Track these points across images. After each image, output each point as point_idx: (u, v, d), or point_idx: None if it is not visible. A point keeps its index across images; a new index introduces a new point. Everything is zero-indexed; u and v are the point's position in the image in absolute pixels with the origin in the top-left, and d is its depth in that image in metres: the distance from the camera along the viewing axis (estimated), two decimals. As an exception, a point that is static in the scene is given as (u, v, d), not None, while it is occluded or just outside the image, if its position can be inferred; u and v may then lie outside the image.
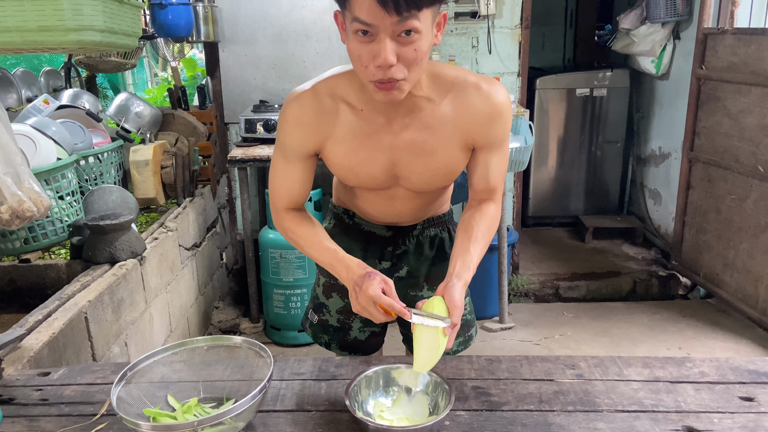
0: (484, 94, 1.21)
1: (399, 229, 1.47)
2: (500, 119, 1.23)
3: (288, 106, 1.26)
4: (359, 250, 1.48)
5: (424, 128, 1.22)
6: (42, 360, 1.50)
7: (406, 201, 1.37)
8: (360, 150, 1.25)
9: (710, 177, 3.29)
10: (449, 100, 1.22)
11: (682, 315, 3.29)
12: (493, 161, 1.28)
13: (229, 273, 3.63)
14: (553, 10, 5.15)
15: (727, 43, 3.11)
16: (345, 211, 1.51)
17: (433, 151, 1.24)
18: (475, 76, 1.24)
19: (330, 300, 1.53)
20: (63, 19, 1.10)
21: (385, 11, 1.00)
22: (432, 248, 1.50)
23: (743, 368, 1.22)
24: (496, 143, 1.26)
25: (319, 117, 1.23)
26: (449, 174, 1.30)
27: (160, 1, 2.84)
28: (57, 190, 2.10)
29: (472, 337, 1.57)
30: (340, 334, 1.54)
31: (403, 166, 1.27)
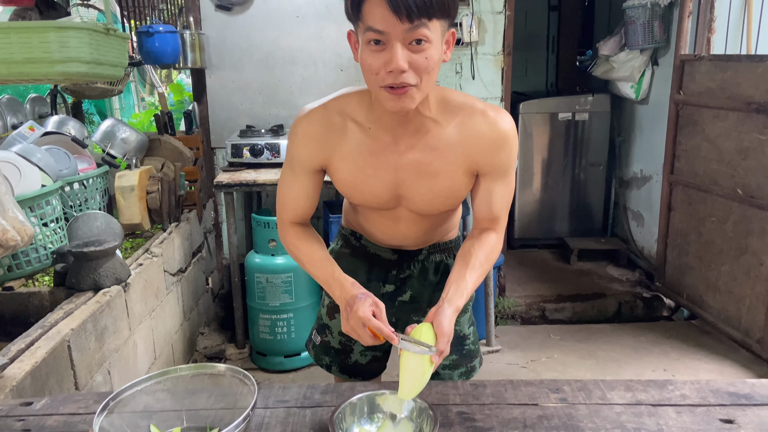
0: (491, 121, 1.23)
1: (404, 253, 1.48)
2: (505, 147, 1.25)
3: (298, 122, 1.29)
4: (364, 271, 1.49)
5: (430, 150, 1.25)
6: (24, 389, 1.48)
7: (410, 223, 1.38)
8: (365, 167, 1.27)
9: (691, 199, 3.34)
10: (456, 125, 1.24)
11: (667, 336, 3.32)
12: (497, 190, 1.29)
13: (215, 298, 3.61)
14: (535, 36, 5.26)
15: (704, 69, 3.19)
16: (352, 233, 1.53)
17: (436, 173, 1.26)
18: (482, 103, 1.26)
19: (333, 321, 1.53)
20: (49, 51, 1.11)
21: (397, 18, 1.03)
22: (437, 274, 1.50)
23: (723, 390, 1.23)
24: (500, 171, 1.28)
25: (327, 133, 1.26)
26: (451, 198, 1.31)
27: (147, 29, 2.87)
28: (41, 216, 2.09)
29: (475, 369, 1.55)
30: (341, 357, 1.54)
31: (407, 187, 1.29)
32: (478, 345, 1.59)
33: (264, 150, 3.10)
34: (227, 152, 3.16)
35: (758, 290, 2.88)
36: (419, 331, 1.14)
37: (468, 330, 1.54)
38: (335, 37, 3.39)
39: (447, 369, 1.50)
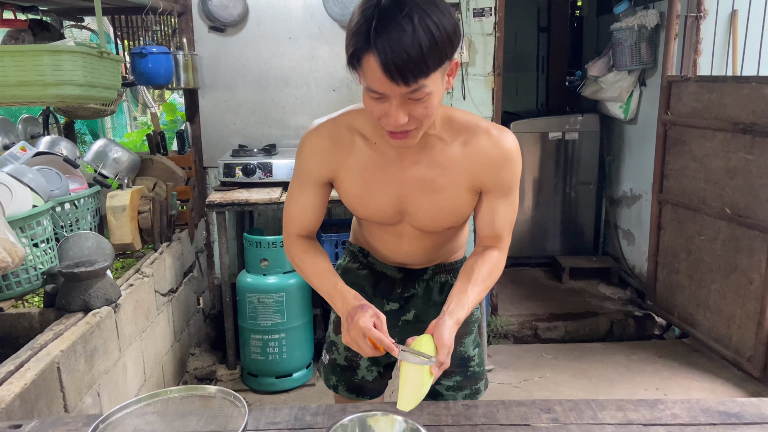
0: (494, 140, 1.26)
1: (410, 271, 1.49)
2: (508, 165, 1.27)
3: (308, 136, 1.32)
4: (369, 287, 1.50)
5: (434, 166, 1.27)
6: (13, 412, 1.47)
7: (413, 240, 1.39)
8: (371, 181, 1.29)
9: (680, 218, 3.37)
10: (460, 142, 1.26)
11: (659, 355, 3.32)
12: (500, 208, 1.31)
13: (206, 318, 3.59)
14: (525, 57, 5.33)
15: (691, 90, 3.24)
16: (360, 249, 1.54)
17: (440, 189, 1.28)
18: (486, 122, 1.29)
19: (339, 336, 1.53)
20: (43, 75, 1.12)
21: (394, 83, 1.05)
22: (441, 294, 1.50)
23: (713, 410, 1.24)
24: (503, 189, 1.29)
25: (335, 146, 1.29)
26: (454, 214, 1.33)
27: (141, 50, 2.88)
28: (32, 237, 2.09)
29: (480, 391, 1.53)
30: (347, 374, 1.54)
31: (411, 202, 1.30)
32: (484, 367, 1.57)
33: (256, 169, 3.11)
34: (219, 172, 3.16)
35: (748, 308, 2.89)
36: (419, 343, 1.15)
37: (473, 351, 1.53)
38: (327, 58, 3.43)
39: (451, 390, 1.50)
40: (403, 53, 1.01)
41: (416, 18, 1.01)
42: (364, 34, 1.03)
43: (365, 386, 1.54)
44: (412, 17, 1.01)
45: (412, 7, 1.02)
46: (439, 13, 1.04)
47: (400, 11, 1.01)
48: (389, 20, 1.01)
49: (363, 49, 1.04)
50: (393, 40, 1.01)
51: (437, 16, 1.03)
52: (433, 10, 1.04)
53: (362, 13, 1.05)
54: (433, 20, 1.03)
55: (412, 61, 1.02)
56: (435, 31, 1.02)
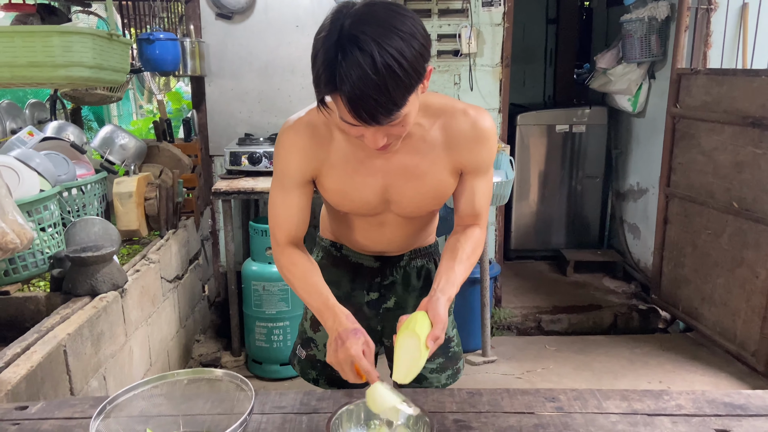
0: (471, 120, 1.26)
1: (386, 259, 1.49)
2: (486, 144, 1.28)
3: (284, 134, 1.29)
4: (347, 281, 1.50)
5: (415, 153, 1.26)
6: (20, 393, 1.48)
7: (395, 228, 1.39)
8: (354, 175, 1.28)
9: (686, 212, 3.36)
10: (438, 126, 1.26)
11: (663, 349, 3.32)
12: (479, 187, 1.32)
13: (211, 305, 3.61)
14: (533, 48, 5.30)
15: (701, 83, 3.22)
16: (332, 243, 1.53)
17: (423, 174, 1.28)
18: (462, 103, 1.29)
19: (318, 334, 1.53)
20: (53, 56, 1.12)
21: (366, 124, 1.03)
22: (419, 279, 1.52)
23: (719, 401, 1.24)
24: (482, 168, 1.31)
25: (314, 143, 1.26)
26: (438, 197, 1.33)
27: (148, 36, 2.88)
28: (39, 221, 2.10)
29: (459, 370, 1.58)
30: (328, 369, 1.52)
31: (395, 191, 1.30)
32: (461, 347, 1.61)
33: (262, 158, 3.11)
34: (225, 160, 3.16)
35: (753, 303, 2.89)
36: (413, 320, 1.15)
37: (452, 332, 1.55)
38: (335, 47, 3.41)
39: (435, 372, 1.52)
40: (371, 100, 0.98)
41: (377, 57, 0.96)
42: (330, 80, 1.00)
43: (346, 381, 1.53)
44: (374, 57, 0.96)
45: (371, 44, 0.96)
46: (400, 42, 0.98)
47: (361, 51, 0.96)
48: (351, 64, 0.97)
49: (331, 93, 1.03)
50: (357, 87, 0.97)
51: (398, 47, 0.98)
52: (392, 40, 0.98)
53: (325, 53, 1.00)
54: (394, 55, 0.97)
55: (380, 104, 0.99)
56: (398, 68, 0.98)
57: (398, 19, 1.00)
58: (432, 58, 3.49)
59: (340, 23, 1.00)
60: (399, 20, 1.00)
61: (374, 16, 0.99)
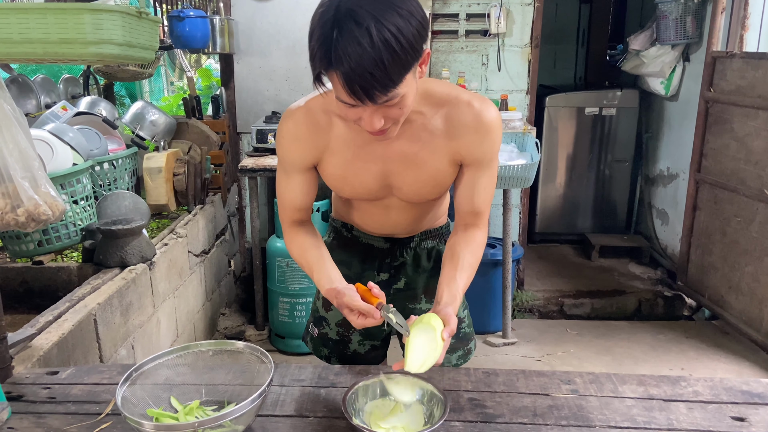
0: (475, 111, 1.24)
1: (396, 240, 1.50)
2: (489, 137, 1.26)
3: (284, 123, 1.30)
4: (358, 262, 1.51)
5: (415, 140, 1.26)
6: (51, 359, 1.54)
7: (401, 211, 1.40)
8: (354, 161, 1.28)
9: (717, 199, 3.30)
10: (440, 115, 1.25)
11: (686, 336, 3.29)
12: (480, 181, 1.30)
13: (237, 280, 3.68)
14: (565, 29, 5.20)
15: (736, 66, 3.13)
16: (343, 224, 1.54)
17: (422, 163, 1.27)
18: (467, 93, 1.26)
19: (329, 313, 1.55)
20: (84, 33, 1.15)
21: (362, 102, 1.03)
22: (429, 260, 1.52)
23: (737, 389, 1.23)
24: (483, 162, 1.29)
25: (314, 131, 1.27)
26: (438, 186, 1.32)
27: (178, 14, 2.91)
28: (72, 194, 2.15)
29: (471, 351, 1.59)
30: (339, 347, 1.56)
31: (396, 177, 1.30)
32: (473, 327, 1.61)
33: (289, 136, 3.13)
34: (252, 137, 3.20)
35: (782, 293, 2.84)
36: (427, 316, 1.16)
37: (463, 313, 1.56)
38: (363, 26, 3.40)
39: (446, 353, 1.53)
40: (366, 74, 0.97)
41: (374, 31, 0.95)
42: (325, 55, 0.99)
43: (357, 358, 1.56)
44: (370, 31, 0.95)
45: (368, 18, 0.95)
46: (398, 18, 0.97)
47: (357, 25, 0.95)
48: (348, 38, 0.96)
49: (327, 70, 1.02)
50: (354, 61, 0.96)
51: (396, 23, 0.97)
52: (391, 17, 0.97)
53: (321, 29, 1.00)
54: (392, 30, 0.96)
55: (376, 80, 0.98)
56: (395, 43, 0.97)
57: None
58: (460, 37, 3.47)
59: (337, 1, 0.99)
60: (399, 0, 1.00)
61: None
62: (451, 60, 3.52)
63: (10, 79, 2.79)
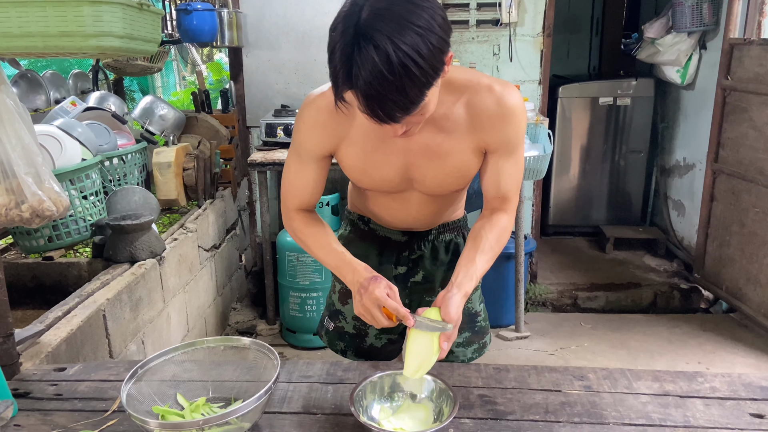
0: (497, 96, 1.21)
1: (414, 233, 1.48)
2: (513, 121, 1.23)
3: (305, 109, 1.28)
4: (375, 255, 1.49)
5: (438, 131, 1.23)
6: (59, 355, 1.54)
7: (421, 205, 1.37)
8: (374, 152, 1.26)
9: (734, 189, 3.23)
10: (462, 103, 1.22)
11: (703, 329, 3.24)
12: (505, 167, 1.28)
13: (248, 275, 3.67)
14: (578, 17, 5.12)
15: (754, 53, 3.06)
16: (360, 217, 1.52)
17: (446, 154, 1.25)
18: (488, 78, 1.24)
19: (346, 306, 1.53)
20: (83, 26, 1.14)
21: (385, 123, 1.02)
22: (447, 253, 1.50)
23: (755, 385, 1.20)
24: (508, 147, 1.26)
25: (335, 119, 1.24)
26: (462, 177, 1.30)
27: (186, 7, 2.89)
28: (81, 189, 2.15)
29: (486, 345, 1.57)
30: (356, 341, 1.54)
31: (417, 170, 1.28)
32: (488, 321, 1.59)
33: (298, 129, 3.11)
34: (262, 131, 3.18)
35: (802, 285, 2.77)
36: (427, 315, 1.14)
37: (479, 307, 1.54)
38: (372, 17, 3.36)
39: (461, 346, 1.51)
40: (387, 101, 0.97)
41: (393, 56, 0.93)
42: (347, 77, 0.97)
43: (373, 352, 1.54)
44: (389, 56, 0.93)
45: (386, 42, 0.93)
46: (416, 38, 0.94)
47: (376, 49, 0.93)
48: (367, 63, 0.94)
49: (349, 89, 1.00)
50: (374, 88, 0.95)
51: (413, 43, 0.94)
52: (407, 35, 0.94)
53: (342, 50, 0.97)
54: (410, 54, 0.94)
55: (397, 105, 0.98)
56: (413, 66, 0.94)
57: (415, 13, 0.95)
58: (471, 27, 3.43)
59: (356, 17, 0.96)
60: (415, 14, 0.95)
61: (390, 10, 0.95)
62: (462, 50, 3.48)
63: (20, 75, 2.79)
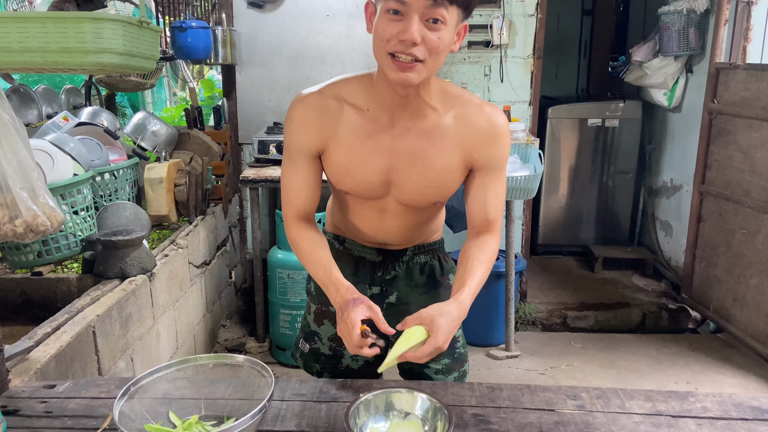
0: (486, 115, 1.26)
1: (389, 253, 1.48)
2: (500, 140, 1.27)
3: (294, 107, 1.30)
4: (350, 275, 1.48)
5: (426, 136, 1.25)
6: (48, 372, 1.52)
7: (396, 217, 1.38)
8: (360, 150, 1.27)
9: (721, 210, 3.28)
10: (453, 114, 1.26)
11: (691, 349, 3.26)
12: (491, 187, 1.30)
13: (238, 292, 3.65)
14: (567, 40, 5.21)
15: (739, 78, 3.13)
16: (335, 236, 1.53)
17: (431, 160, 1.26)
18: (478, 98, 1.30)
19: (321, 327, 1.53)
20: (84, 42, 1.14)
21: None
22: (422, 275, 1.50)
23: (746, 404, 1.21)
24: (494, 166, 1.29)
25: (323, 117, 1.27)
26: (442, 188, 1.31)
27: (181, 24, 2.91)
28: (72, 205, 2.14)
29: (466, 373, 1.56)
30: (332, 362, 1.53)
31: (399, 173, 1.29)
32: (467, 347, 1.58)
33: (290, 147, 3.12)
34: (254, 148, 3.19)
35: (788, 306, 2.81)
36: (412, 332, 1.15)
37: (458, 332, 1.52)
38: (364, 37, 3.41)
39: (441, 374, 1.50)
40: None
41: None
42: None
43: (350, 373, 1.53)
44: None
45: None
46: None
47: None
48: None
49: None
50: None
51: None
52: None
53: None
54: None
55: None
56: None
57: None
58: (463, 48, 3.47)
59: None
60: None
61: None
62: (454, 71, 3.52)
63: (12, 89, 2.79)
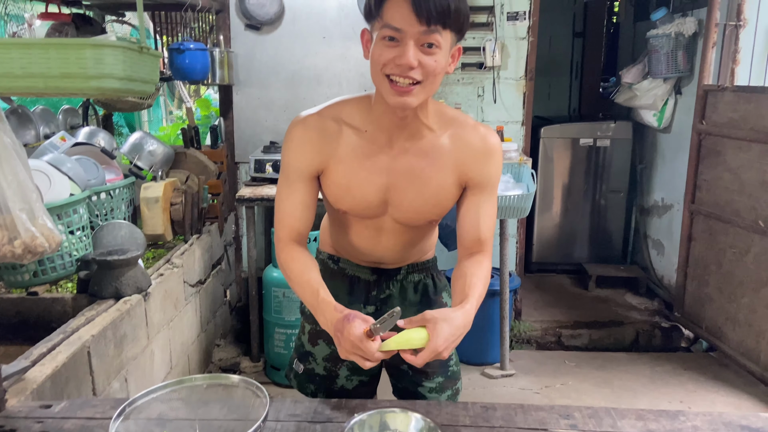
0: (481, 135, 1.31)
1: (383, 272, 1.50)
2: (494, 160, 1.32)
3: (293, 128, 1.31)
4: (344, 294, 1.50)
5: (423, 156, 1.29)
6: (44, 392, 1.52)
7: (392, 235, 1.40)
8: (359, 170, 1.30)
9: (711, 230, 3.31)
10: (448, 135, 1.30)
11: (684, 368, 3.27)
12: (483, 209, 1.32)
13: (232, 310, 3.65)
14: (559, 61, 5.29)
15: (727, 99, 3.18)
16: (330, 256, 1.54)
17: (428, 179, 1.30)
18: (473, 120, 1.35)
19: (316, 348, 1.53)
20: (85, 67, 1.17)
21: (416, 18, 1.11)
22: (416, 293, 1.52)
23: (736, 423, 1.23)
24: (488, 185, 1.32)
25: (322, 138, 1.29)
26: (438, 206, 1.34)
27: (179, 46, 2.95)
28: (68, 224, 2.15)
29: (459, 392, 1.56)
30: (326, 383, 1.53)
31: (397, 192, 1.31)
32: (460, 365, 1.59)
33: (286, 166, 3.14)
34: (250, 167, 3.21)
35: (779, 324, 2.83)
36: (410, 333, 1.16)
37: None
38: (360, 58, 3.43)
39: (434, 392, 1.51)
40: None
41: None
42: None
43: (345, 394, 1.53)
44: None
45: None
46: None
47: None
48: None
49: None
50: None
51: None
52: None
53: None
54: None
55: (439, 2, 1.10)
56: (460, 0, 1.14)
57: None
58: (456, 70, 3.52)
59: None
60: None
61: None
62: (448, 92, 3.57)
63: (10, 110, 2.81)
